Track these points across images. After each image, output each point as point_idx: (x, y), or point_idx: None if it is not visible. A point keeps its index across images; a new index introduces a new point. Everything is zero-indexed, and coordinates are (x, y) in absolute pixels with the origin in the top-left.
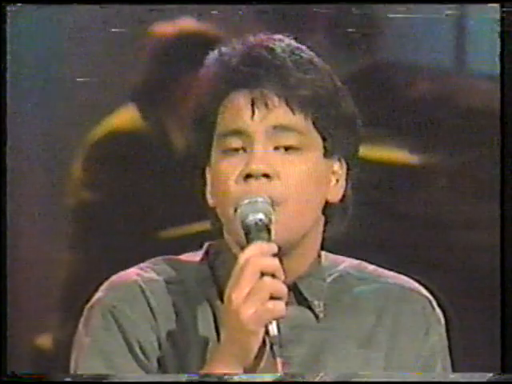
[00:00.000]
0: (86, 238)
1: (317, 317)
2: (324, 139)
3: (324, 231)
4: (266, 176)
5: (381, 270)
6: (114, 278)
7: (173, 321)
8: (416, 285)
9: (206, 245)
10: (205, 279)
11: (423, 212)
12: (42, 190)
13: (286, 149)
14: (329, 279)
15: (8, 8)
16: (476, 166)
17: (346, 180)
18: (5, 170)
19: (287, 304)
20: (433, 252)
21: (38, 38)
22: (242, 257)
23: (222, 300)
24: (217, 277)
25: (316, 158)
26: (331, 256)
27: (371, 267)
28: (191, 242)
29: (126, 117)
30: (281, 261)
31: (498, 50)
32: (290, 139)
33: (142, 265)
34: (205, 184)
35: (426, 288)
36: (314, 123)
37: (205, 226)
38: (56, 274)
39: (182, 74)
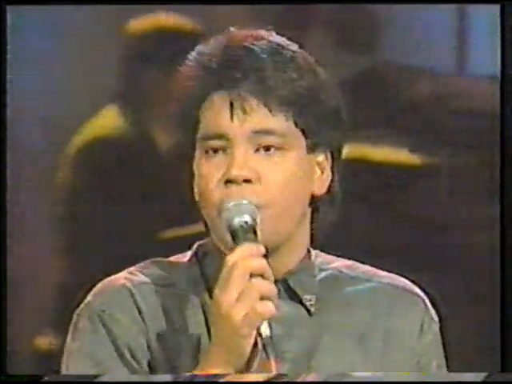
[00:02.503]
0: (84, 240)
1: (308, 311)
2: (306, 137)
3: (312, 222)
4: (247, 181)
5: (374, 269)
6: (103, 282)
7: (163, 323)
8: (409, 284)
9: (195, 245)
10: (194, 279)
11: (423, 212)
12: (43, 192)
13: (268, 149)
14: (320, 276)
15: (8, 8)
16: (476, 166)
17: (333, 171)
18: (5, 170)
19: (278, 299)
20: (432, 252)
21: (38, 38)
22: (230, 259)
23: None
24: (206, 276)
25: (299, 155)
26: (324, 255)
27: (364, 267)
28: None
29: (107, 120)
30: (269, 258)
31: (498, 50)
32: (270, 141)
33: (131, 269)
34: (193, 177)
35: (425, 288)
36: (295, 122)
37: (198, 228)
38: (55, 274)
39: (160, 72)
